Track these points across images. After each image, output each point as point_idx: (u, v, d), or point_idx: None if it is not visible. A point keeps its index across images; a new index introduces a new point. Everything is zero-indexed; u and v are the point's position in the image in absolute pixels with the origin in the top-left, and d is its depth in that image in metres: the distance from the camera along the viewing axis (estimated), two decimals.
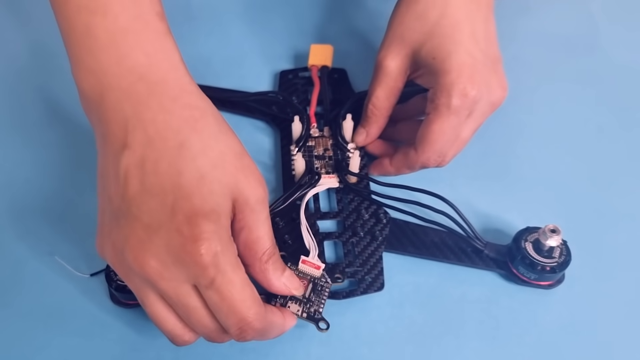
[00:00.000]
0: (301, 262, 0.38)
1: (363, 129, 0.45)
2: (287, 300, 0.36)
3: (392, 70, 0.42)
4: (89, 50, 0.32)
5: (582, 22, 0.61)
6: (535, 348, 0.37)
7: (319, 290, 0.37)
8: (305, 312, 0.36)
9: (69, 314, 0.38)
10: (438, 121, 0.39)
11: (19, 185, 0.45)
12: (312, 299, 0.37)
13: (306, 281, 0.37)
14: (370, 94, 0.43)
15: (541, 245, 0.38)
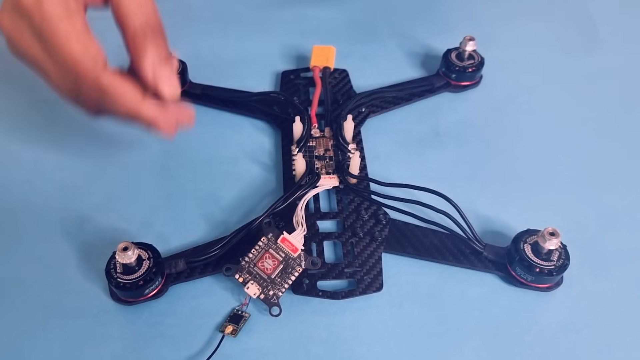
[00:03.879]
0: (280, 240, 0.37)
1: None
2: (248, 280, 0.36)
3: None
4: None
5: (582, 22, 0.61)
6: (535, 348, 0.37)
7: (288, 272, 0.37)
8: (263, 293, 0.36)
9: (69, 314, 0.38)
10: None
11: (19, 185, 0.45)
12: (275, 281, 0.37)
13: (279, 261, 0.37)
14: None
15: (540, 248, 0.38)
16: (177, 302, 0.39)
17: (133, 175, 0.46)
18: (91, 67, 0.31)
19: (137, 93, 0.32)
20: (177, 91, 0.33)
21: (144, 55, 0.32)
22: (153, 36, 0.32)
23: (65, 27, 0.30)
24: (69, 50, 0.30)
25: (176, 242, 0.42)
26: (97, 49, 0.31)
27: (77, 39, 0.30)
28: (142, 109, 0.33)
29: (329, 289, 0.39)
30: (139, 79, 0.33)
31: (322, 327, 0.38)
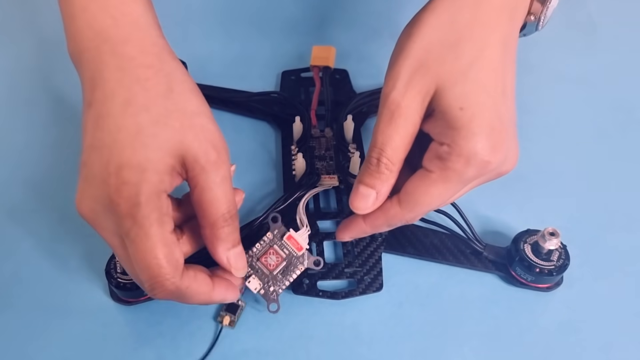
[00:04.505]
0: (286, 237, 0.37)
1: (371, 189, 0.34)
2: (250, 274, 0.37)
3: (413, 113, 0.32)
4: (70, 16, 0.33)
5: (582, 22, 0.61)
6: (535, 348, 0.37)
7: (290, 270, 0.37)
8: (263, 288, 0.37)
9: (69, 314, 0.38)
10: (442, 185, 0.32)
11: (19, 185, 0.45)
12: (277, 278, 0.37)
13: (282, 258, 0.37)
14: (383, 143, 0.32)
15: (540, 248, 0.38)
16: (177, 302, 0.39)
17: None
18: (171, 275, 0.31)
19: (208, 286, 0.33)
20: (246, 268, 0.35)
21: (221, 245, 0.33)
22: (231, 223, 0.33)
23: (155, 233, 0.30)
24: (154, 255, 0.30)
25: None
26: (179, 255, 0.32)
27: (164, 245, 0.31)
28: (213, 297, 0.34)
29: (329, 289, 0.39)
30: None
31: (322, 327, 0.38)
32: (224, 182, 0.32)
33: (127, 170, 0.30)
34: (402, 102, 0.32)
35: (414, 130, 0.32)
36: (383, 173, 0.33)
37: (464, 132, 0.30)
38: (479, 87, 0.31)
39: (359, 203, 0.34)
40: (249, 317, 0.38)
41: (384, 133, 0.32)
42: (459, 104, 0.31)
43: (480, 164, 0.31)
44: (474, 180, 0.33)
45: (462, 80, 0.31)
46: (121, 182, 0.30)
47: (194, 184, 0.32)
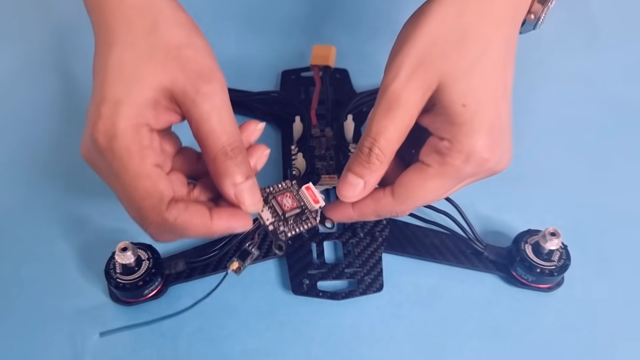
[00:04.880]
0: (305, 187, 0.36)
1: (359, 178, 0.34)
2: (264, 206, 0.35)
3: (412, 105, 0.32)
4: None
5: (582, 22, 0.61)
6: (535, 348, 0.37)
7: (302, 220, 0.36)
8: (273, 225, 0.35)
9: (70, 314, 0.38)
10: (438, 180, 0.33)
11: (20, 185, 0.45)
12: (289, 221, 0.35)
13: (297, 205, 0.36)
14: (378, 133, 0.32)
15: (541, 248, 0.38)
16: (177, 302, 0.39)
17: None
18: (156, 206, 0.31)
19: (204, 216, 0.32)
20: (259, 204, 0.34)
21: (225, 178, 0.32)
22: (234, 156, 0.32)
23: (135, 166, 0.30)
24: (135, 187, 0.31)
25: (176, 243, 0.41)
26: (165, 187, 0.31)
27: (145, 177, 0.31)
28: (212, 229, 0.33)
29: (329, 289, 0.39)
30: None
31: (322, 328, 0.38)
32: (219, 112, 0.32)
33: (104, 105, 0.30)
34: (403, 94, 0.32)
35: (410, 123, 0.32)
36: (373, 163, 0.33)
37: (466, 129, 0.31)
38: (482, 85, 0.31)
39: (346, 191, 0.34)
40: (249, 317, 0.38)
41: (379, 123, 0.32)
42: (461, 100, 0.31)
43: (479, 161, 0.31)
44: (469, 178, 0.33)
45: (466, 78, 0.31)
46: (98, 117, 0.30)
47: (189, 118, 0.32)
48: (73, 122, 0.50)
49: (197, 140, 0.32)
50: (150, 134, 0.31)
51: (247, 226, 0.34)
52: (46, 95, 0.52)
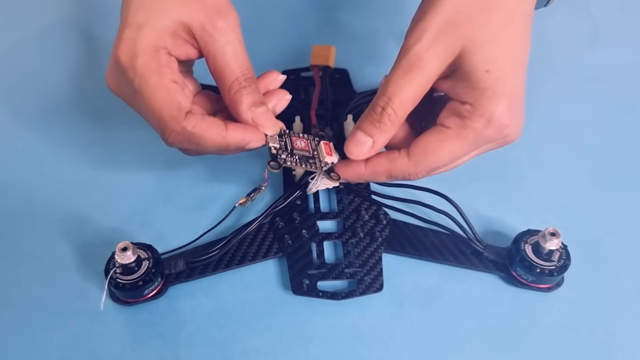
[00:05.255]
0: (324, 142, 0.39)
1: (369, 136, 0.35)
2: (275, 134, 0.38)
3: (433, 69, 0.33)
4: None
5: (582, 22, 0.61)
6: (535, 348, 0.37)
7: (307, 161, 0.38)
8: (277, 149, 0.37)
9: (68, 314, 0.38)
10: (457, 143, 0.33)
11: (19, 185, 0.45)
12: (294, 154, 0.38)
13: (308, 149, 0.38)
14: (394, 93, 0.33)
15: (541, 248, 0.38)
16: (176, 302, 0.39)
17: (133, 175, 0.46)
18: (175, 115, 0.34)
19: (219, 126, 0.35)
20: (275, 127, 0.37)
21: (241, 106, 0.35)
22: (247, 85, 0.36)
23: (154, 80, 0.33)
24: (155, 99, 0.34)
25: (176, 242, 0.41)
26: (183, 99, 0.34)
27: (164, 90, 0.34)
28: (227, 139, 0.35)
29: (329, 289, 0.39)
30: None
31: (322, 328, 0.38)
32: (234, 46, 0.35)
33: (127, 29, 0.34)
34: (424, 57, 0.32)
35: (426, 88, 0.33)
36: (384, 123, 0.34)
37: (488, 94, 0.32)
38: (505, 54, 0.33)
39: (354, 148, 0.35)
40: (249, 317, 0.38)
41: (396, 83, 0.33)
42: (485, 66, 0.32)
43: (499, 126, 0.33)
44: (485, 145, 0.35)
45: (490, 44, 0.32)
46: (120, 39, 0.34)
47: (206, 52, 0.35)
48: (73, 123, 0.50)
49: (213, 73, 0.36)
50: (168, 57, 0.35)
51: (260, 141, 0.36)
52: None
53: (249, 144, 0.36)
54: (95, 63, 0.55)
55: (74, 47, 0.56)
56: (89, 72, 0.54)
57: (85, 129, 0.49)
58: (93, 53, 0.56)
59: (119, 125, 0.49)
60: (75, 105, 0.51)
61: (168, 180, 0.46)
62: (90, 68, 0.54)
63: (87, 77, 0.53)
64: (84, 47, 0.56)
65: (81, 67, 0.54)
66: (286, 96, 0.39)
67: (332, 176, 0.38)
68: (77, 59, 0.55)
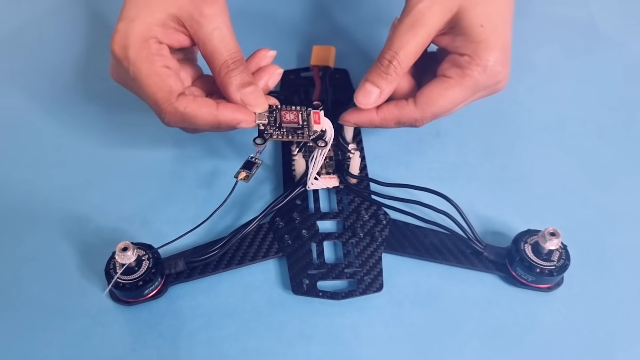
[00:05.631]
0: (313, 112, 0.41)
1: (376, 87, 0.39)
2: (265, 111, 0.39)
3: (433, 25, 0.38)
4: None
5: (581, 22, 0.61)
6: (535, 348, 0.37)
7: (295, 132, 0.40)
8: (264, 125, 0.39)
9: (69, 314, 0.38)
10: (458, 89, 0.38)
11: (19, 185, 0.45)
12: (282, 127, 0.40)
13: (296, 121, 0.40)
14: (399, 47, 0.38)
15: (540, 248, 0.38)
16: (176, 302, 0.39)
17: (133, 175, 0.46)
18: (167, 97, 0.37)
19: (211, 106, 0.38)
20: (263, 105, 0.39)
21: (230, 87, 0.38)
22: (235, 67, 0.38)
23: (146, 67, 0.37)
24: (148, 84, 0.37)
25: (176, 242, 0.41)
26: (173, 82, 0.37)
27: (155, 75, 0.37)
28: (218, 117, 0.38)
29: (329, 289, 0.39)
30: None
31: (322, 328, 0.38)
32: (221, 31, 0.38)
33: (120, 23, 0.37)
34: (427, 14, 0.37)
35: (427, 42, 0.38)
36: (390, 74, 0.39)
37: (484, 45, 0.37)
38: (496, 11, 0.38)
39: (362, 98, 0.40)
40: (249, 317, 0.38)
41: (401, 38, 0.38)
42: (480, 21, 0.37)
43: (494, 73, 0.38)
44: (481, 91, 0.39)
45: (483, 3, 0.37)
46: (115, 33, 0.37)
47: (196, 39, 0.38)
48: (73, 123, 0.50)
49: (205, 57, 0.39)
50: (158, 45, 0.37)
51: (250, 121, 0.39)
52: None
53: (240, 124, 0.38)
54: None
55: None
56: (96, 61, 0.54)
57: (84, 129, 0.49)
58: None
59: (120, 125, 0.49)
60: (73, 105, 0.51)
61: (169, 179, 0.46)
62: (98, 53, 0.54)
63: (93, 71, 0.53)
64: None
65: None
66: (277, 70, 0.41)
67: (318, 143, 0.39)
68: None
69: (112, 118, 0.50)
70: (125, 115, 0.50)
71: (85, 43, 0.57)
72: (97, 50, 0.56)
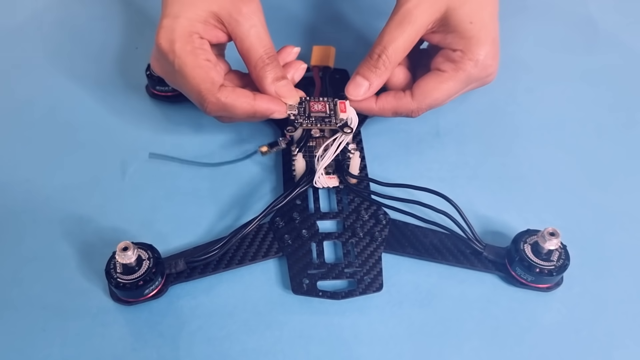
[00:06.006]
0: (340, 102, 0.43)
1: (365, 80, 0.42)
2: (296, 102, 0.43)
3: (421, 23, 0.40)
4: None
5: (581, 22, 0.61)
6: (535, 348, 0.37)
7: (323, 121, 0.42)
8: (295, 115, 0.42)
9: (69, 314, 0.38)
10: (451, 82, 0.40)
11: (19, 185, 0.45)
12: (311, 116, 0.42)
13: (324, 110, 0.43)
14: (388, 42, 0.41)
15: (540, 248, 0.38)
16: (177, 302, 0.39)
17: (133, 175, 0.46)
18: (210, 88, 0.39)
19: (248, 97, 0.40)
20: (295, 97, 0.42)
21: (265, 80, 0.41)
22: (270, 62, 0.41)
23: (191, 60, 0.39)
24: (193, 76, 0.39)
25: (176, 242, 0.42)
26: (215, 75, 0.40)
27: (199, 68, 0.39)
28: (255, 107, 0.41)
29: (329, 289, 0.39)
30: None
31: (322, 327, 0.38)
32: (257, 29, 0.41)
33: (165, 19, 0.40)
34: (414, 12, 0.40)
35: (415, 39, 0.41)
36: (379, 68, 0.41)
37: (474, 41, 0.40)
38: (483, 8, 0.40)
39: (353, 90, 0.42)
40: (249, 316, 0.38)
41: (390, 34, 0.41)
42: (469, 19, 0.40)
43: (485, 66, 0.40)
44: (473, 83, 0.42)
45: (469, 1, 0.40)
46: (161, 28, 0.40)
47: (234, 36, 0.41)
48: (73, 123, 0.50)
49: (241, 53, 0.42)
50: (201, 40, 0.40)
51: (283, 111, 0.42)
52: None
53: (274, 114, 0.41)
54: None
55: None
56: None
57: (84, 129, 0.49)
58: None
59: (119, 126, 0.49)
60: (73, 105, 0.51)
61: (169, 179, 0.46)
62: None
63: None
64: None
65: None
66: (302, 65, 0.44)
67: (345, 130, 0.42)
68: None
69: (112, 117, 0.50)
70: (124, 115, 0.50)
71: (85, 42, 0.57)
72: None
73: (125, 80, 0.53)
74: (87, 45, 0.57)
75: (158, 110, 0.51)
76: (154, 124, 0.49)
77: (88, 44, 0.57)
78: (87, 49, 0.56)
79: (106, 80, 0.53)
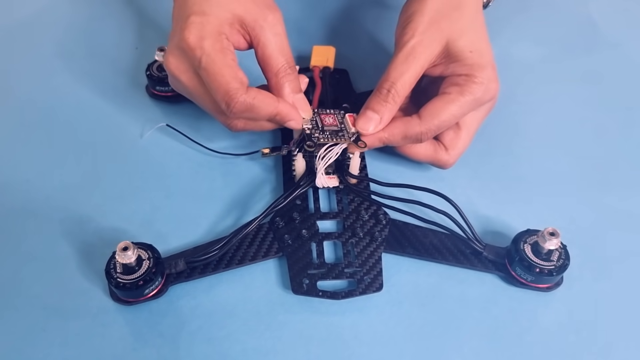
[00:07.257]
0: (348, 115, 0.44)
1: (376, 114, 0.42)
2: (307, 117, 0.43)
3: (425, 58, 0.42)
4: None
5: (581, 22, 0.61)
6: (534, 348, 0.37)
7: (337, 135, 0.43)
8: (310, 129, 0.43)
9: (69, 314, 0.38)
10: (458, 103, 0.41)
11: (19, 185, 0.45)
12: (325, 130, 0.43)
13: (336, 124, 0.44)
14: (396, 78, 0.42)
15: (540, 248, 0.38)
16: (177, 302, 0.39)
17: (133, 175, 0.46)
18: (239, 87, 0.39)
19: (272, 99, 0.41)
20: (310, 111, 0.44)
21: (285, 89, 0.42)
22: (291, 72, 0.42)
23: (220, 58, 0.39)
24: (222, 74, 0.39)
25: (176, 242, 0.42)
26: (242, 75, 0.40)
27: (228, 67, 0.39)
28: (279, 108, 0.41)
29: (329, 289, 0.39)
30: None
31: (322, 327, 0.38)
32: (280, 38, 0.42)
33: (193, 16, 0.40)
34: (418, 48, 0.41)
35: (420, 72, 0.42)
36: (389, 102, 0.42)
37: (476, 66, 0.41)
38: (479, 37, 0.43)
39: (364, 124, 0.43)
40: (249, 316, 0.38)
41: (397, 70, 0.42)
42: (469, 48, 0.41)
43: (487, 89, 0.41)
44: (477, 107, 0.43)
45: (467, 32, 0.42)
46: (190, 23, 0.39)
47: (256, 42, 0.41)
48: (73, 123, 0.50)
49: (262, 59, 0.42)
50: (227, 41, 0.40)
51: (299, 122, 0.43)
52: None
53: (290, 122, 0.42)
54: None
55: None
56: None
57: (84, 130, 0.49)
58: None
59: (119, 125, 0.49)
60: (73, 105, 0.51)
61: (169, 179, 0.46)
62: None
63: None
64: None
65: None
66: (304, 79, 0.45)
67: (359, 144, 0.42)
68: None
69: (112, 117, 0.50)
70: (124, 115, 0.50)
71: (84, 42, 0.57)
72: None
73: (125, 80, 0.53)
74: (87, 45, 0.57)
75: (158, 110, 0.51)
76: (153, 124, 0.49)
77: (88, 44, 0.57)
78: (87, 48, 0.56)
79: (106, 80, 0.53)
